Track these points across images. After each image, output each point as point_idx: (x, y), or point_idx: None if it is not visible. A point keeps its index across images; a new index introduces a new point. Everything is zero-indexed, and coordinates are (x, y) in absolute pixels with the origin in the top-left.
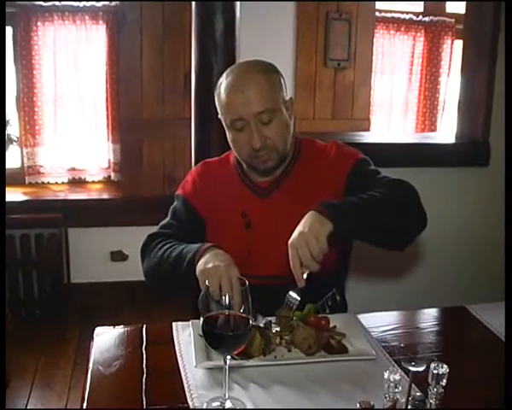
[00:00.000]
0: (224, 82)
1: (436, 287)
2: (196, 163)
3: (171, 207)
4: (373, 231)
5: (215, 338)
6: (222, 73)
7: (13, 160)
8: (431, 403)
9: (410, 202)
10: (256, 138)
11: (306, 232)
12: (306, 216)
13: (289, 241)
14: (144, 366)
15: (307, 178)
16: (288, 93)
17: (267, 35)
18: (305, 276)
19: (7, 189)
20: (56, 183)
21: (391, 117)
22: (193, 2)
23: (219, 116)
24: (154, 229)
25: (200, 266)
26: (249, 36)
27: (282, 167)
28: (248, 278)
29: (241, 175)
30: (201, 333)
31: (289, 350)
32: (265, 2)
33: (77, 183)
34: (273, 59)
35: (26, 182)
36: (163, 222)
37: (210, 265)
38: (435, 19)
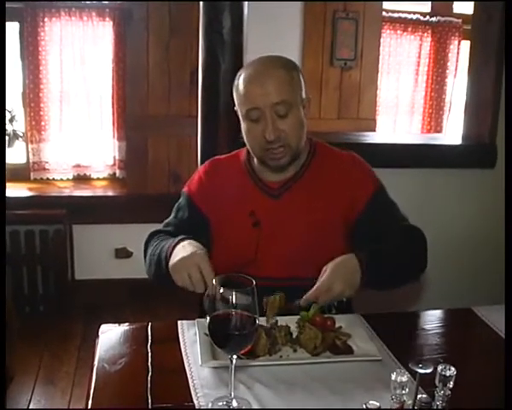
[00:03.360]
0: (243, 73)
1: (441, 288)
2: (202, 161)
3: (176, 204)
4: (383, 284)
5: (221, 337)
6: (229, 70)
7: (18, 155)
8: (438, 405)
9: (422, 255)
10: (270, 129)
11: (350, 276)
12: (348, 259)
13: (333, 268)
14: (149, 364)
15: (320, 184)
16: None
17: (274, 34)
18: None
19: (12, 184)
20: (61, 179)
21: (397, 117)
22: (201, 2)
23: (235, 108)
24: (159, 226)
25: (170, 263)
26: (256, 34)
27: (294, 168)
28: (255, 278)
29: (251, 173)
30: (207, 332)
31: (295, 350)
32: (273, 1)
33: (82, 179)
34: None
35: (32, 178)
36: (166, 220)
37: (176, 259)
38: (442, 19)
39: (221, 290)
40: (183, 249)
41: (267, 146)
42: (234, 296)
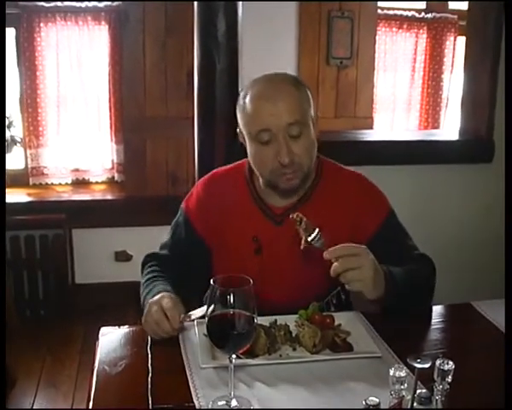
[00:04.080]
0: (249, 92)
1: (440, 284)
2: (199, 162)
3: (174, 220)
4: (391, 306)
5: (220, 337)
6: (225, 72)
7: (17, 161)
8: (437, 400)
9: (432, 284)
10: (284, 153)
11: (371, 274)
12: (377, 265)
13: (370, 255)
14: (150, 365)
15: (327, 208)
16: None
17: (270, 34)
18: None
19: (11, 190)
20: (60, 184)
21: (394, 114)
22: (195, 2)
23: (239, 129)
24: (158, 230)
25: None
26: (252, 35)
27: (300, 193)
28: (258, 306)
29: (253, 195)
30: (206, 332)
31: (294, 349)
32: (268, 1)
33: (80, 183)
34: (276, 58)
35: (30, 183)
36: (164, 240)
37: (143, 319)
38: (438, 15)
39: (219, 290)
40: (150, 308)
41: (280, 170)
42: (232, 296)
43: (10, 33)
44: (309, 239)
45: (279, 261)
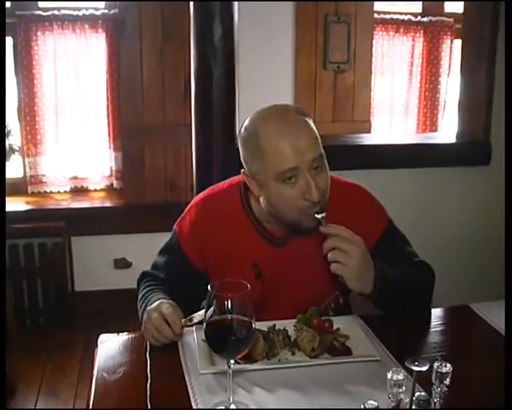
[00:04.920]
0: (262, 131)
1: (438, 287)
2: (197, 168)
3: (167, 242)
4: (393, 304)
5: (218, 343)
6: (222, 77)
7: (15, 169)
8: (435, 403)
9: (430, 289)
10: (314, 191)
11: (357, 266)
12: (369, 259)
13: (363, 248)
14: (148, 371)
15: (328, 221)
16: (284, 94)
17: (266, 39)
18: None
19: (9, 198)
20: (59, 192)
21: (392, 118)
22: (191, 6)
23: (245, 170)
24: (157, 236)
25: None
26: (248, 40)
27: None
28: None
29: (250, 218)
30: (204, 338)
31: (293, 353)
32: (264, 6)
33: (79, 191)
34: (272, 63)
35: (29, 191)
36: (157, 260)
37: (142, 328)
38: (434, 19)
39: (216, 296)
40: (148, 316)
41: (309, 209)
42: (229, 302)
43: (8, 42)
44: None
45: (280, 284)
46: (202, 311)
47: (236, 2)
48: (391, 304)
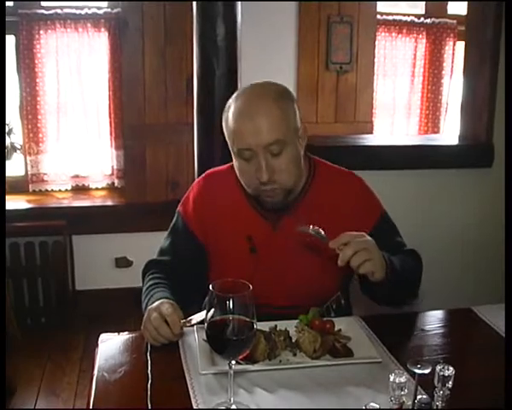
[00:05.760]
0: (232, 106)
1: (440, 289)
2: (199, 168)
3: (172, 224)
4: (389, 293)
5: (219, 343)
6: (224, 77)
7: (16, 168)
8: (437, 406)
9: (419, 275)
10: (264, 171)
11: (378, 255)
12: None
13: (370, 239)
14: (149, 371)
15: (321, 208)
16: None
17: (269, 39)
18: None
19: (11, 197)
20: (60, 190)
21: (394, 119)
22: (194, 7)
23: (228, 144)
24: (159, 235)
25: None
26: (251, 40)
27: (294, 193)
28: (256, 308)
29: (246, 194)
30: (205, 338)
31: (294, 354)
32: (267, 6)
33: (80, 190)
34: (275, 63)
35: (30, 190)
36: (163, 245)
37: (142, 327)
38: (437, 20)
39: (217, 296)
40: (147, 315)
41: (261, 187)
42: (231, 302)
43: (10, 41)
44: (313, 229)
45: (275, 260)
46: (201, 313)
47: (239, 2)
48: (395, 288)
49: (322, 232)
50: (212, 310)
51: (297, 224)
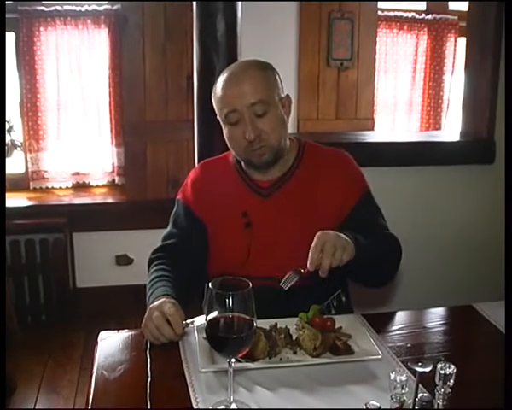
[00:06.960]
0: (219, 79)
1: (441, 286)
2: None
3: (172, 213)
4: (365, 272)
5: (219, 341)
6: None
7: (17, 165)
8: (438, 404)
9: (397, 257)
10: (250, 129)
11: (341, 239)
12: (337, 233)
13: (321, 232)
14: (149, 369)
15: (310, 184)
16: (287, 91)
17: (269, 35)
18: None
19: (11, 194)
20: (61, 187)
21: (395, 116)
22: (194, 3)
23: (217, 115)
24: (159, 233)
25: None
26: (251, 36)
27: (283, 168)
28: (248, 279)
29: (240, 173)
30: (205, 336)
31: (295, 352)
32: (267, 2)
33: (81, 187)
34: (276, 59)
35: (31, 187)
36: (165, 232)
37: (142, 325)
38: (438, 17)
39: (217, 294)
40: (149, 313)
41: (249, 147)
42: (230, 299)
43: (10, 38)
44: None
45: (268, 234)
46: (202, 316)
47: None
48: (364, 271)
49: (298, 270)
50: (212, 308)
51: (286, 199)
